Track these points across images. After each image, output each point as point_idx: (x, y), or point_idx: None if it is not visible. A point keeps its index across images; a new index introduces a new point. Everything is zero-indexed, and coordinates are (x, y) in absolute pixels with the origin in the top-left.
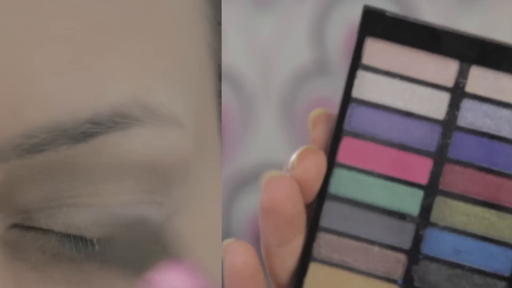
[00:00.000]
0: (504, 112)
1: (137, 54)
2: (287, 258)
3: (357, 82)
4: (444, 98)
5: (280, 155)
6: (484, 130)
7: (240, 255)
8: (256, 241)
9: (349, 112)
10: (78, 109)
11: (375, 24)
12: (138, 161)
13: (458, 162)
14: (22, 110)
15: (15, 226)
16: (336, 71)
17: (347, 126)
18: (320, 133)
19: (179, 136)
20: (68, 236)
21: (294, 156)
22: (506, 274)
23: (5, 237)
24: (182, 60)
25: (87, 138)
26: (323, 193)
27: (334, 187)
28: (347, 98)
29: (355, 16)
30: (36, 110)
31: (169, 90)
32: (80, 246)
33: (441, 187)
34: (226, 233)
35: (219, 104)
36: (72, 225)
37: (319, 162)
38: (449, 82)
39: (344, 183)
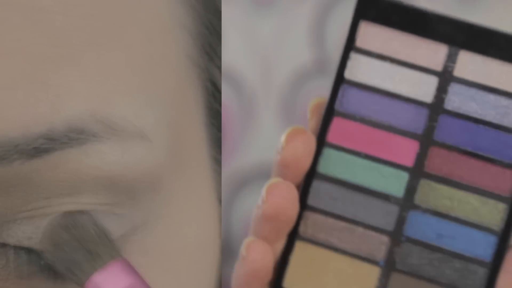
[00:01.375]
0: (491, 97)
1: (99, 66)
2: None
3: (349, 64)
4: (432, 82)
5: None
6: (471, 114)
7: (262, 255)
8: None
9: (340, 93)
10: (31, 123)
11: (369, 8)
12: (97, 176)
13: (443, 146)
14: None
15: None
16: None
17: (338, 106)
18: (318, 122)
19: (145, 150)
20: (23, 248)
21: (283, 137)
22: (487, 260)
23: None
24: (154, 73)
25: (42, 153)
26: (311, 172)
27: (323, 167)
28: (339, 79)
29: None
30: None
31: (135, 103)
32: (35, 259)
33: (426, 169)
34: (226, 233)
35: (217, 112)
36: (26, 236)
37: (308, 141)
38: (438, 66)
39: (333, 163)
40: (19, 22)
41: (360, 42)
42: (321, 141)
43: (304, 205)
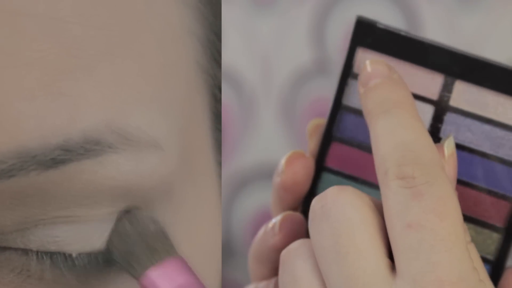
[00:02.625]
0: (487, 128)
1: (114, 77)
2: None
3: (347, 90)
4: (428, 111)
5: (280, 155)
6: (466, 144)
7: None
8: None
9: (338, 118)
10: (48, 134)
11: (366, 35)
12: (112, 186)
13: None
14: None
15: None
16: (336, 71)
17: (336, 132)
18: (317, 144)
19: (159, 159)
20: (46, 253)
21: (282, 160)
22: None
23: None
24: (166, 81)
25: (58, 164)
26: (310, 196)
27: (321, 190)
28: (337, 105)
29: (355, 16)
30: (4, 136)
31: (148, 113)
32: (59, 262)
33: None
34: (226, 233)
35: (218, 117)
36: (50, 240)
37: (307, 165)
38: (434, 95)
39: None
40: (36, 33)
41: (357, 68)
42: (320, 166)
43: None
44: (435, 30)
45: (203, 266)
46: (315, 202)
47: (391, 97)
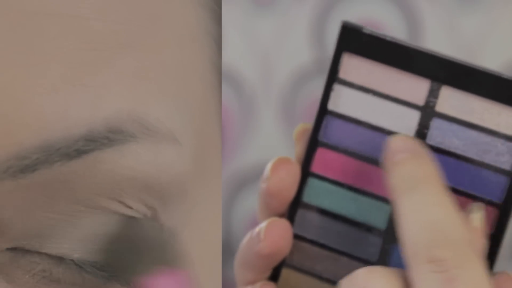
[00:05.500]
0: (472, 133)
1: (135, 69)
2: None
3: (333, 95)
4: (414, 116)
5: (280, 155)
6: (452, 150)
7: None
8: None
9: (324, 124)
10: (72, 125)
11: (352, 40)
12: (131, 177)
13: None
14: (14, 132)
15: (7, 249)
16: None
17: (321, 137)
18: (303, 149)
19: (176, 154)
20: (62, 258)
21: (268, 166)
22: None
23: None
24: (183, 78)
25: (81, 154)
26: (296, 201)
27: (307, 196)
28: (323, 110)
29: (355, 16)
30: (28, 131)
31: (167, 106)
32: (76, 265)
33: None
34: (226, 233)
35: (220, 121)
36: (66, 246)
37: (293, 171)
38: (420, 100)
39: (317, 193)
40: (58, 31)
41: (343, 73)
42: (306, 171)
43: None
44: (435, 30)
45: (208, 267)
46: (345, 286)
47: (417, 173)
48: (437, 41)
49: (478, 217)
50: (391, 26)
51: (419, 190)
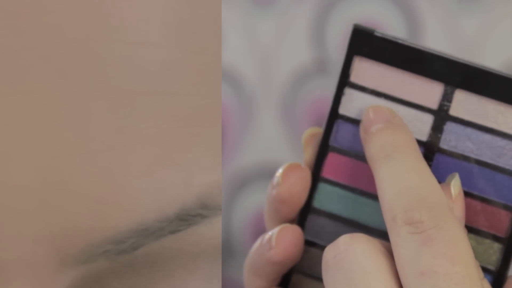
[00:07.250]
0: (487, 137)
1: (217, 138)
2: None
3: (344, 99)
4: (427, 120)
5: (280, 155)
6: (466, 154)
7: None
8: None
9: (335, 128)
10: (165, 206)
11: (363, 44)
12: (213, 246)
13: None
14: (111, 215)
15: None
16: (336, 71)
17: (332, 142)
18: (312, 154)
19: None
20: None
21: (279, 172)
22: None
23: None
24: None
25: (175, 232)
26: (307, 207)
27: (318, 201)
28: (333, 115)
29: (355, 16)
30: (124, 215)
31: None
32: None
33: None
34: (226, 233)
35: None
36: None
37: (304, 177)
38: (434, 104)
39: (328, 198)
40: (152, 109)
41: (354, 77)
42: (316, 176)
43: None
44: (435, 31)
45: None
46: (327, 253)
47: (392, 141)
48: (437, 41)
49: (456, 184)
50: (391, 26)
51: (395, 157)
